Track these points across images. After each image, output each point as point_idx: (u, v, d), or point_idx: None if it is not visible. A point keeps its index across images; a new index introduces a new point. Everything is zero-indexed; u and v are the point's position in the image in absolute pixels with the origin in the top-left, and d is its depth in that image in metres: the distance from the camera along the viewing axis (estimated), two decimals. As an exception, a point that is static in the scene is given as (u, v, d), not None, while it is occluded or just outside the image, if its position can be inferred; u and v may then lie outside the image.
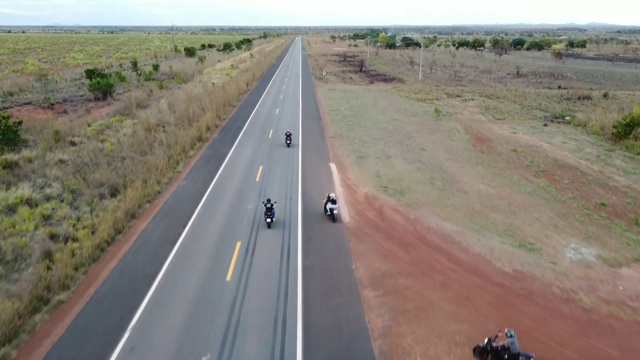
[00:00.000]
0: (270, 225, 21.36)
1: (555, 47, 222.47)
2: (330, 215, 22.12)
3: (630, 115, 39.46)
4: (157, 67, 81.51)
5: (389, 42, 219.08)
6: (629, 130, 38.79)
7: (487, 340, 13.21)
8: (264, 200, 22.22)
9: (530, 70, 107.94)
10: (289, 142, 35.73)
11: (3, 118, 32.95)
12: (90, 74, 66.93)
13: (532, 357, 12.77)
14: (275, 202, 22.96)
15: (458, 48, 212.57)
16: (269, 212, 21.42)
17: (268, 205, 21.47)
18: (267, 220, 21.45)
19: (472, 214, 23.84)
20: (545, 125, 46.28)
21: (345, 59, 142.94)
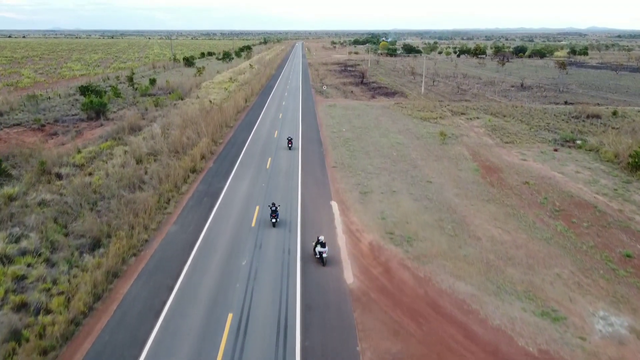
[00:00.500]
0: (275, 225, 25.44)
1: (558, 54, 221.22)
2: (320, 259, 21.60)
3: (647, 144, 37.46)
4: (154, 81, 79.69)
5: (390, 49, 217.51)
6: (646, 161, 36.79)
7: None
8: (270, 204, 26.53)
9: (535, 82, 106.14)
10: (290, 145, 42.29)
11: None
12: (85, 91, 65.11)
13: None
14: (279, 205, 26.68)
15: (459, 56, 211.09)
16: (274, 214, 25.56)
17: (273, 209, 25.68)
18: (272, 221, 25.56)
19: (487, 270, 21.80)
20: (556, 151, 44.31)
21: (346, 69, 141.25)
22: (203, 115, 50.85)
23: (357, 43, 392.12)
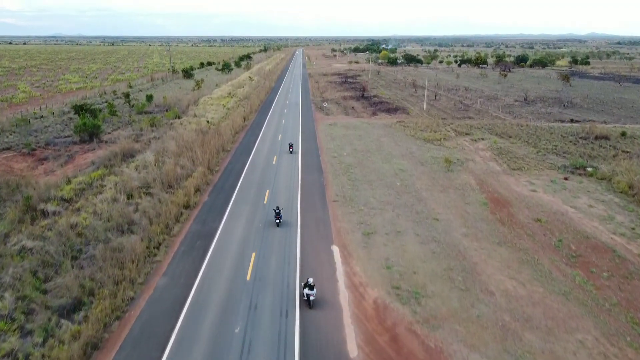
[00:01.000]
0: (279, 225, 30.02)
1: (559, 63, 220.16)
2: (307, 301, 21.51)
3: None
4: (150, 98, 78.05)
5: (391, 59, 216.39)
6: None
7: None
8: (274, 207, 31.41)
9: (538, 95, 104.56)
10: (291, 150, 48.46)
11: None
12: (79, 110, 63.45)
13: None
14: (282, 208, 31.92)
15: (460, 65, 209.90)
16: (278, 216, 30.20)
17: (277, 211, 30.37)
18: (276, 221, 30.24)
19: (503, 335, 19.93)
20: (566, 179, 42.50)
21: (347, 80, 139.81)
22: (199, 140, 49.06)
23: (357, 51, 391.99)
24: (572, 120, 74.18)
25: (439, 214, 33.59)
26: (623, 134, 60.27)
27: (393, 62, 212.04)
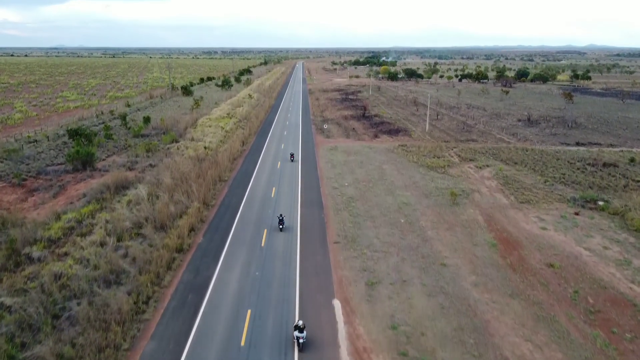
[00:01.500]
0: (282, 230, 35.17)
1: (560, 78, 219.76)
2: (297, 344, 21.32)
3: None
4: (147, 120, 76.65)
5: (391, 73, 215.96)
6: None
7: None
8: (278, 215, 36.49)
9: (541, 115, 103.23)
10: (292, 159, 54.47)
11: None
12: (74, 134, 61.99)
13: None
14: (285, 215, 37.06)
15: (461, 80, 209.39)
16: (281, 222, 35.16)
17: (280, 218, 35.33)
18: (279, 227, 35.16)
19: (522, 418, 18.04)
20: (577, 214, 40.77)
21: (347, 97, 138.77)
22: (195, 171, 47.41)
23: (357, 64, 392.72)
24: (577, 144, 72.65)
25: (446, 258, 31.82)
26: (632, 160, 58.69)
27: (394, 77, 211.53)
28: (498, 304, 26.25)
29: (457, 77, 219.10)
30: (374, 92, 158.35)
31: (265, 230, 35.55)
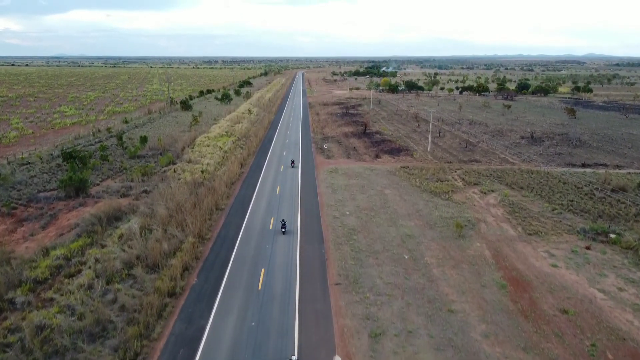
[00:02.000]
0: (284, 232, 39.87)
1: (562, 90, 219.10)
2: None
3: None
4: (144, 140, 75.22)
5: (392, 86, 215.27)
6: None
7: None
8: (281, 220, 41.15)
9: (545, 132, 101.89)
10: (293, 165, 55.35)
11: None
12: (68, 157, 60.50)
13: None
14: (286, 220, 41.84)
15: (462, 92, 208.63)
16: (284, 227, 39.93)
17: (283, 223, 40.15)
18: (282, 230, 39.83)
19: None
20: (588, 249, 39.10)
21: (348, 112, 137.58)
22: (191, 201, 45.80)
23: (358, 74, 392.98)
24: (583, 165, 71.15)
25: (454, 303, 30.10)
26: (640, 185, 57.12)
27: (394, 89, 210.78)
28: (511, 360, 24.51)
29: (457, 89, 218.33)
30: (375, 105, 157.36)
31: (263, 270, 33.83)
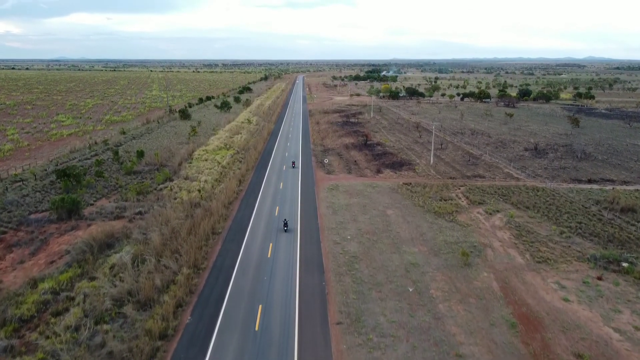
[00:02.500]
0: (287, 230, 45.43)
1: (563, 97, 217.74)
2: None
3: None
4: (141, 154, 73.70)
5: (393, 92, 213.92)
6: None
7: None
8: (283, 220, 46.62)
9: (548, 143, 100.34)
10: (286, 228, 46.91)
11: None
12: (61, 175, 58.96)
13: None
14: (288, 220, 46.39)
15: (463, 99, 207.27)
16: (286, 225, 45.60)
17: (285, 222, 45.77)
18: (284, 229, 45.40)
19: None
20: (600, 279, 37.50)
21: (348, 121, 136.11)
22: (187, 226, 44.20)
23: (358, 79, 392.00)
24: (590, 181, 69.55)
25: (462, 345, 28.47)
26: (650, 205, 55.45)
27: (395, 95, 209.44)
28: (525, 417, 22.85)
29: (458, 95, 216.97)
30: (375, 113, 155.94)
31: (260, 307, 32.19)
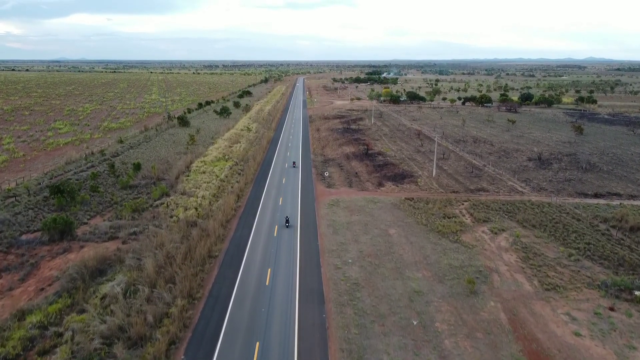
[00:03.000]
0: (288, 226, 50.76)
1: (565, 101, 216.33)
2: None
3: None
4: (138, 167, 72.25)
5: (393, 96, 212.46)
6: None
7: None
8: (285, 217, 52.21)
9: (552, 153, 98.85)
10: (287, 224, 52.23)
11: None
12: (55, 191, 57.47)
13: None
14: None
15: (464, 103, 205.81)
16: (287, 222, 51.27)
17: (287, 218, 51.50)
18: (286, 225, 50.93)
19: None
20: (612, 310, 36.01)
21: (349, 127, 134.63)
22: (182, 250, 42.69)
23: (359, 81, 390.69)
24: (596, 195, 68.03)
25: (470, 390, 26.92)
26: (660, 223, 53.90)
27: (396, 100, 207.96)
28: None
29: (460, 99, 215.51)
30: (376, 119, 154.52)
31: (258, 345, 30.67)
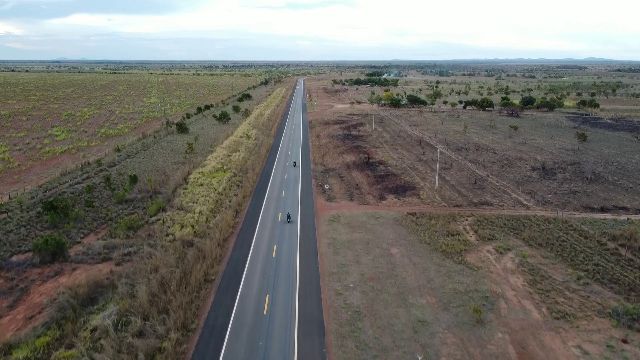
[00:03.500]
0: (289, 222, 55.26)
1: (567, 104, 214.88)
2: None
3: None
4: (134, 179, 70.73)
5: (394, 100, 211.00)
6: None
7: None
8: (287, 213, 57.25)
9: (556, 161, 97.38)
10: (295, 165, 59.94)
11: None
12: (49, 207, 55.96)
13: None
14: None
15: (465, 107, 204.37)
16: (289, 217, 56.31)
17: (288, 214, 56.75)
18: (287, 220, 55.77)
19: None
20: (625, 342, 34.52)
21: (349, 134, 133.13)
22: (177, 275, 41.18)
23: (359, 83, 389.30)
24: (602, 209, 66.52)
25: None
26: (670, 242, 52.39)
27: (396, 103, 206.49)
28: None
29: (461, 103, 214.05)
30: (377, 124, 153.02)
31: (255, 385, 29.20)
